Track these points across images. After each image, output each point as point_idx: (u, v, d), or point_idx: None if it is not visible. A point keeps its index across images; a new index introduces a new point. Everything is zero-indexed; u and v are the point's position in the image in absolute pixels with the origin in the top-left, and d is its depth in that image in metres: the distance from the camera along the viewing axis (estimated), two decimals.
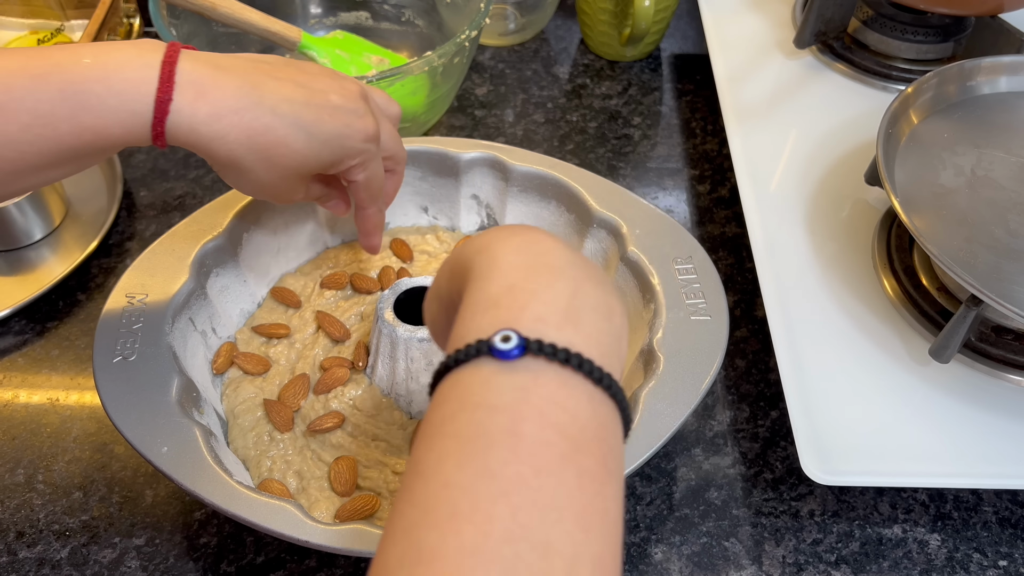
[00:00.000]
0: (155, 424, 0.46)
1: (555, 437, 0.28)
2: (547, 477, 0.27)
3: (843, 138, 0.69)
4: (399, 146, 0.53)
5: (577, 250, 0.35)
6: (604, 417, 0.30)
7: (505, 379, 0.29)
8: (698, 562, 0.52)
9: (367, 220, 0.54)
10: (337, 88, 0.47)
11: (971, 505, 0.54)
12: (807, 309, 0.58)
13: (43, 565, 0.52)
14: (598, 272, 0.34)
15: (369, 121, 0.47)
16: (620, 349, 0.32)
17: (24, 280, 0.66)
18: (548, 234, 0.34)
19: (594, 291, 0.32)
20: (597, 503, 0.27)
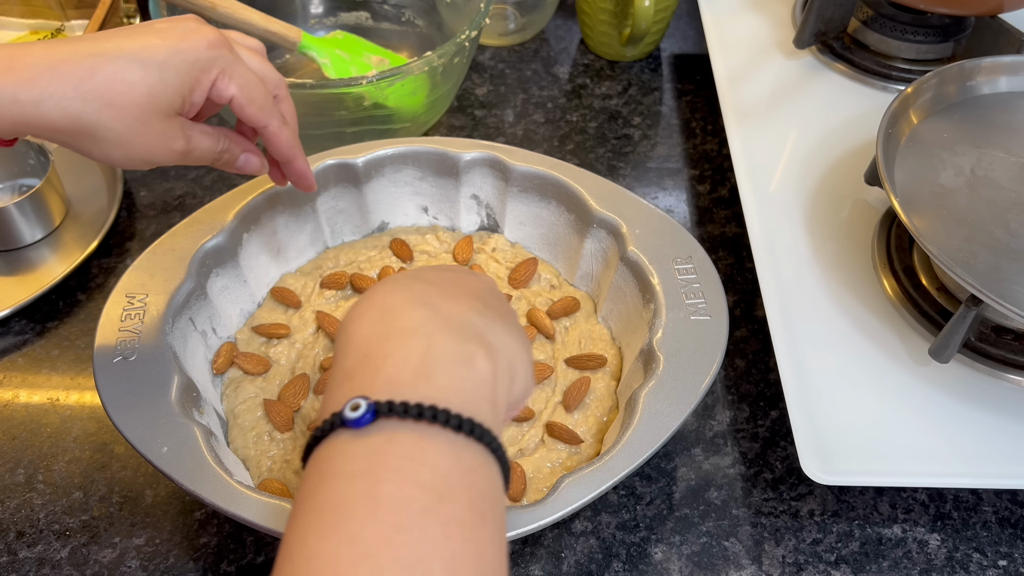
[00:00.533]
0: (155, 424, 0.46)
1: (415, 492, 0.28)
2: (409, 532, 0.27)
3: (843, 138, 0.69)
4: (271, 68, 0.48)
5: (445, 296, 0.35)
6: (471, 463, 0.30)
7: (359, 445, 0.29)
8: (698, 562, 0.52)
9: (275, 139, 0.48)
10: (164, 23, 0.43)
11: (971, 505, 0.54)
12: (807, 309, 0.58)
13: (43, 565, 0.52)
14: (464, 321, 0.34)
15: (207, 31, 0.43)
16: (489, 392, 0.32)
17: (24, 280, 0.66)
18: (408, 295, 0.34)
19: (449, 342, 0.32)
20: (469, 548, 0.28)
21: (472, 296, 0.36)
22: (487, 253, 0.62)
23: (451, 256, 0.62)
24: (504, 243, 0.63)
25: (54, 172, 0.68)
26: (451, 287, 0.36)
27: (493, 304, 0.37)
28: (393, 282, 0.36)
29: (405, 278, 0.36)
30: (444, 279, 0.37)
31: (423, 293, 0.35)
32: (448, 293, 0.35)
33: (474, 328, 0.34)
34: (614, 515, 0.54)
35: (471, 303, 0.35)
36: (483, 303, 0.36)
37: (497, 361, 0.33)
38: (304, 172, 0.52)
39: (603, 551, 0.52)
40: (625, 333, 0.57)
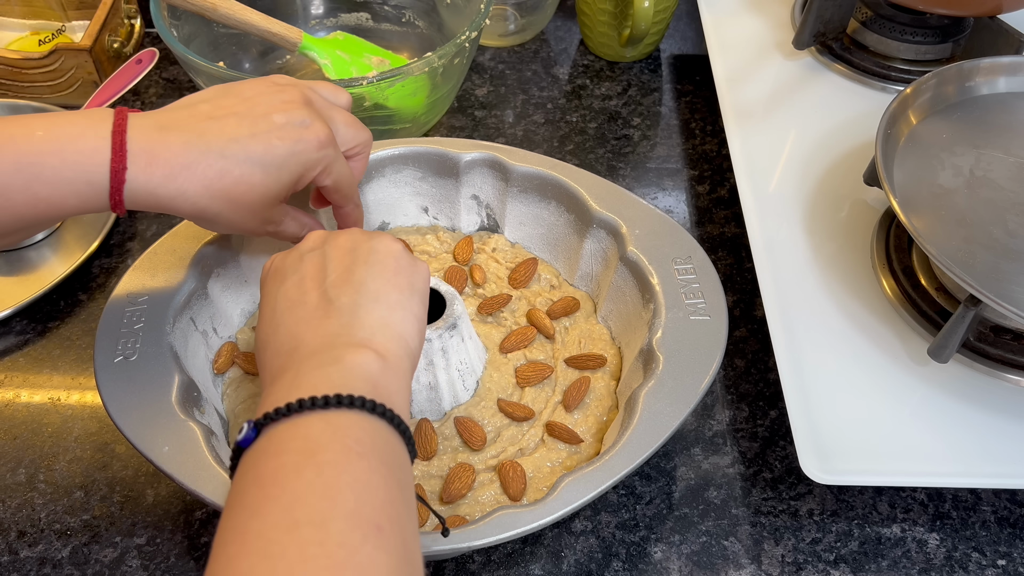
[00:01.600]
0: (156, 424, 0.46)
1: (288, 457, 0.34)
2: (286, 483, 0.33)
3: (842, 139, 0.70)
4: (359, 131, 0.52)
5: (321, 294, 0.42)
6: (341, 423, 0.35)
7: (250, 453, 0.35)
8: (697, 561, 0.52)
9: (347, 218, 0.54)
10: (279, 104, 0.47)
11: (970, 504, 0.54)
12: (806, 309, 0.58)
13: (44, 564, 0.52)
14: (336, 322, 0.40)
15: (318, 127, 0.47)
16: (362, 371, 0.38)
17: (25, 280, 0.66)
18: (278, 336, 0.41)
19: (314, 359, 0.38)
20: (344, 478, 0.33)
21: (320, 297, 0.42)
22: (487, 253, 0.63)
23: (451, 256, 0.63)
24: (504, 243, 0.63)
25: None
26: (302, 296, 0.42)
27: (338, 282, 0.42)
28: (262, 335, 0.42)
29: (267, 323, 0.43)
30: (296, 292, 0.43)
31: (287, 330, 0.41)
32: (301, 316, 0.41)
33: (340, 341, 0.39)
34: (614, 514, 0.54)
35: (326, 314, 0.41)
36: (329, 296, 0.41)
37: (368, 343, 0.39)
38: None
39: (603, 550, 0.52)
40: (625, 333, 0.57)
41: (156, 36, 0.86)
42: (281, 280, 0.44)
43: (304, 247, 0.45)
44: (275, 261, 0.46)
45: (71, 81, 0.77)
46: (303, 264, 0.44)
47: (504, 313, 0.59)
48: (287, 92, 0.48)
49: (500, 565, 0.52)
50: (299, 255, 0.45)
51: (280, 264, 0.45)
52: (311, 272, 0.43)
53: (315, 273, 0.43)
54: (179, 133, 0.44)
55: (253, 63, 0.80)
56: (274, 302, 0.43)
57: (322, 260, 0.43)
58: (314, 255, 0.44)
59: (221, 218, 0.46)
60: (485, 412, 0.53)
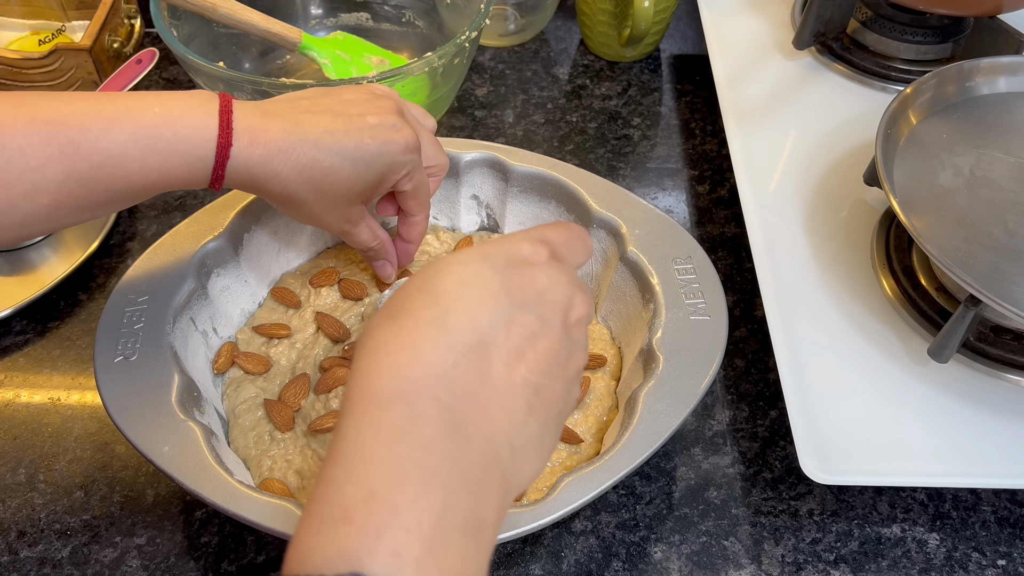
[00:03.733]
0: (156, 424, 0.46)
1: None
2: None
3: (842, 138, 0.70)
4: (441, 154, 0.55)
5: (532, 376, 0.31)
6: None
7: None
8: (697, 561, 0.52)
9: (414, 228, 0.56)
10: (373, 108, 0.49)
11: (970, 504, 0.54)
12: (806, 309, 0.58)
13: (44, 564, 0.52)
14: (503, 441, 0.30)
15: (407, 132, 0.49)
16: (485, 564, 0.29)
17: (25, 280, 0.66)
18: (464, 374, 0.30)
19: (466, 501, 0.28)
20: None
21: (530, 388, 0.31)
22: None
23: None
24: None
25: None
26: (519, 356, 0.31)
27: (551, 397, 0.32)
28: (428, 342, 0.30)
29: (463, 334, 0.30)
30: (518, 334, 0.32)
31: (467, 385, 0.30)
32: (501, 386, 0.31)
33: (499, 470, 0.30)
34: (614, 514, 0.54)
35: (516, 409, 0.31)
36: (532, 403, 0.31)
37: (503, 518, 0.30)
38: (412, 255, 0.58)
39: (603, 550, 0.52)
40: (625, 333, 0.57)
41: (156, 36, 0.86)
42: (526, 303, 0.32)
43: (572, 313, 0.34)
44: (549, 264, 0.34)
45: (71, 81, 0.77)
46: (553, 331, 0.33)
47: None
48: (382, 100, 0.50)
49: (500, 565, 0.52)
50: (563, 310, 0.34)
51: (546, 282, 0.34)
52: (548, 348, 0.33)
53: (548, 354, 0.33)
54: (279, 120, 0.46)
55: (253, 63, 0.80)
56: (494, 314, 0.31)
57: (563, 355, 0.34)
58: (564, 339, 0.34)
59: (306, 205, 0.48)
60: None
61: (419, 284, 0.32)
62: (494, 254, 0.33)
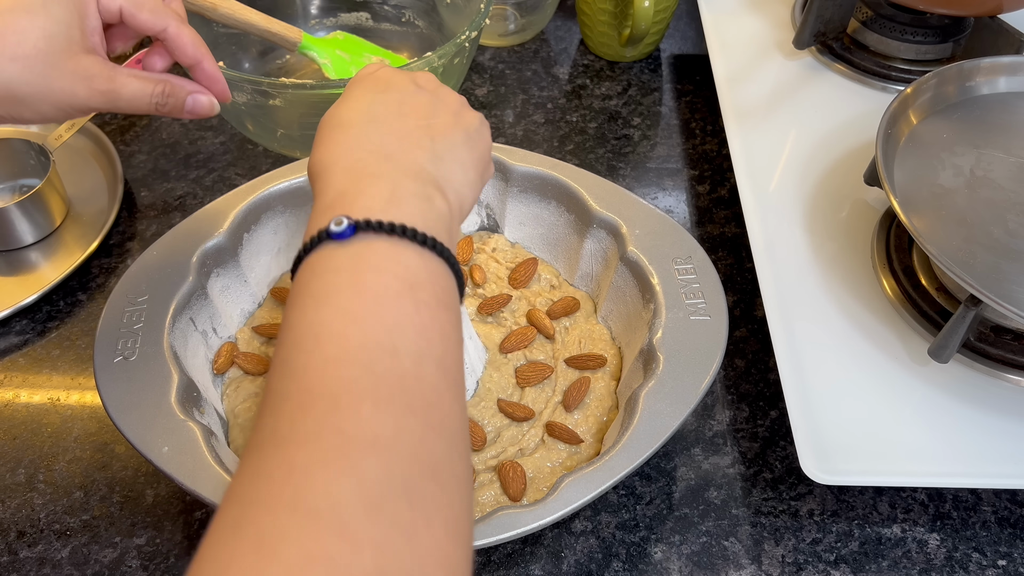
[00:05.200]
0: (156, 424, 0.46)
1: (391, 280, 0.34)
2: (388, 306, 0.33)
3: (842, 138, 0.70)
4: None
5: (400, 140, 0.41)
6: (434, 267, 0.36)
7: (343, 251, 0.35)
8: (697, 561, 0.52)
9: (178, 42, 0.48)
10: None
11: (970, 505, 0.54)
12: (806, 309, 0.58)
13: (44, 564, 0.52)
14: (420, 169, 0.39)
15: None
16: (446, 224, 0.38)
17: (25, 280, 0.66)
18: (370, 144, 0.40)
19: (412, 185, 0.38)
20: (435, 323, 0.34)
21: (423, 129, 0.41)
22: (487, 253, 0.63)
23: None
24: (504, 243, 0.63)
25: (55, 172, 0.68)
26: (403, 116, 0.42)
27: (442, 130, 0.42)
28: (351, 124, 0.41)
29: (361, 117, 0.41)
30: (398, 107, 0.42)
31: (381, 138, 0.40)
32: (402, 132, 0.41)
33: (429, 175, 0.39)
34: (614, 515, 0.54)
35: (422, 143, 0.41)
36: (431, 135, 0.41)
37: (450, 201, 0.39)
38: (214, 74, 0.51)
39: (603, 551, 0.52)
40: (625, 333, 0.57)
41: None
42: (383, 89, 0.43)
43: (418, 79, 0.45)
44: (381, 70, 0.45)
45: None
46: (414, 94, 0.44)
47: (504, 313, 0.59)
48: None
49: (500, 565, 0.52)
50: (412, 81, 0.44)
51: (387, 75, 0.44)
52: (419, 104, 0.43)
53: (422, 107, 0.43)
54: None
55: (253, 63, 0.80)
56: (370, 101, 0.42)
57: (431, 103, 0.43)
58: (424, 94, 0.44)
59: (20, 85, 0.42)
60: (485, 412, 0.53)
61: (321, 121, 0.43)
62: (348, 86, 0.45)
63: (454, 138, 0.42)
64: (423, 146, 0.41)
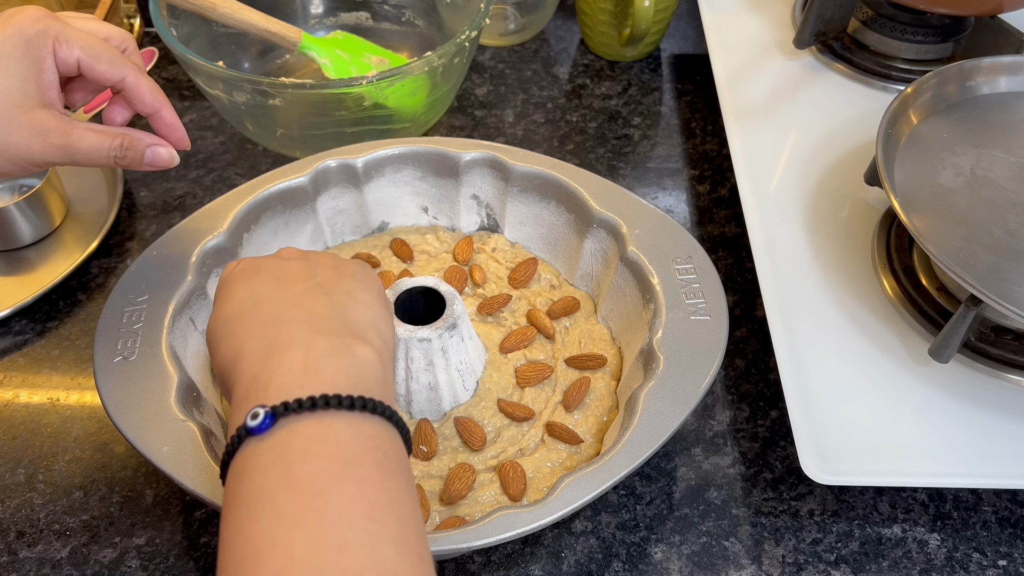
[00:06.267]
0: (155, 424, 0.46)
1: (324, 464, 0.32)
2: (327, 496, 0.31)
3: (843, 138, 0.70)
4: (109, 27, 0.48)
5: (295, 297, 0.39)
6: (370, 431, 0.34)
7: (267, 446, 0.32)
8: (698, 561, 0.52)
9: (136, 91, 0.48)
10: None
11: (971, 505, 0.54)
12: (807, 309, 0.58)
13: (43, 565, 0.52)
14: (328, 319, 0.37)
15: (27, 10, 0.44)
16: (375, 371, 0.36)
17: (24, 280, 0.66)
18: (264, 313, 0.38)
19: (325, 342, 0.36)
20: (383, 496, 0.32)
21: (312, 289, 0.39)
22: (487, 253, 0.62)
23: (451, 256, 0.62)
24: (504, 243, 0.63)
25: (54, 172, 0.68)
26: (286, 286, 0.39)
27: (330, 282, 0.40)
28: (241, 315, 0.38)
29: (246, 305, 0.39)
30: (276, 282, 0.40)
31: (275, 310, 0.38)
32: (294, 298, 0.39)
33: (340, 324, 0.37)
34: (614, 515, 0.54)
35: (317, 299, 0.38)
36: (324, 290, 0.39)
37: (372, 342, 0.37)
38: (173, 123, 0.50)
39: (603, 551, 0.52)
40: (625, 333, 0.57)
41: (155, 35, 0.86)
42: (253, 274, 0.41)
43: (281, 254, 0.43)
44: (242, 262, 0.42)
45: None
46: (284, 266, 0.41)
47: (504, 313, 0.59)
48: (5, 12, 0.45)
49: (500, 565, 0.51)
50: (276, 257, 0.42)
51: (252, 263, 0.42)
52: (295, 271, 0.41)
53: (299, 273, 0.40)
54: None
55: (252, 62, 0.80)
56: (247, 288, 0.40)
57: (307, 266, 0.41)
58: (295, 262, 0.42)
59: None
60: (485, 412, 0.53)
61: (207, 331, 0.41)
62: (220, 288, 0.42)
63: (346, 284, 0.40)
64: (320, 301, 0.38)
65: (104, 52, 0.46)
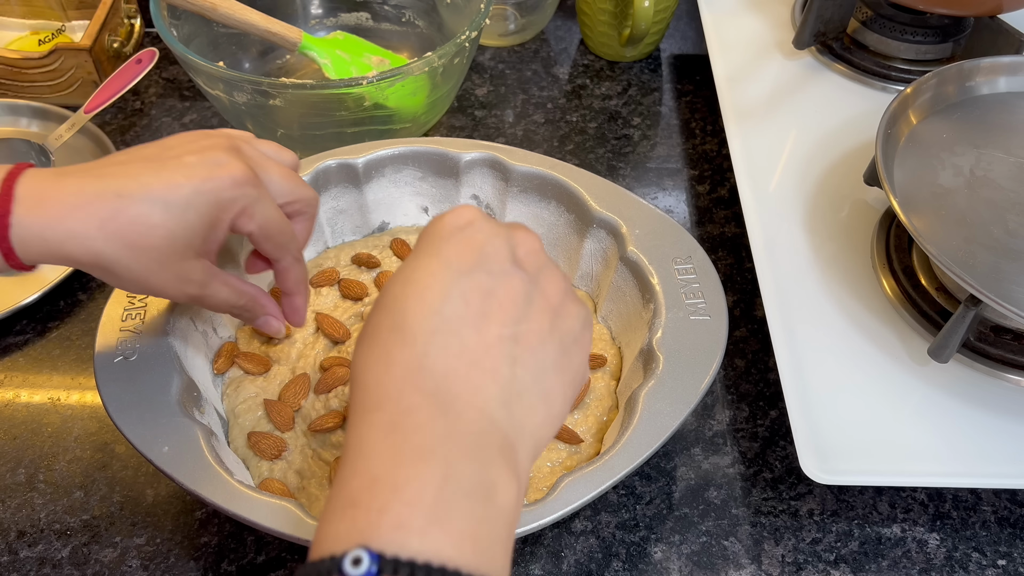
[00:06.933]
0: (156, 424, 0.46)
1: None
2: None
3: (842, 138, 0.70)
4: (299, 188, 0.47)
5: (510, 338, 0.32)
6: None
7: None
8: (697, 561, 0.52)
9: (284, 276, 0.49)
10: (195, 148, 0.43)
11: (970, 504, 0.54)
12: (806, 309, 0.58)
13: (44, 564, 0.52)
14: (488, 424, 0.31)
15: (234, 166, 0.43)
16: (506, 530, 0.30)
17: (25, 280, 0.66)
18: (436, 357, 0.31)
19: (469, 469, 0.30)
20: None
21: (506, 342, 0.32)
22: None
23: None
24: None
25: None
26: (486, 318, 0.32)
27: (531, 342, 0.33)
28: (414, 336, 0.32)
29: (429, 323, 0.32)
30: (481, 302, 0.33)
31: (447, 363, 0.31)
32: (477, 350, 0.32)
33: (496, 435, 0.31)
34: (614, 514, 0.54)
35: (498, 369, 0.32)
36: (514, 353, 0.32)
37: (520, 472, 0.31)
38: (300, 309, 0.51)
39: (603, 550, 0.52)
40: (625, 333, 0.57)
41: (156, 36, 0.86)
42: (472, 265, 0.34)
43: (517, 241, 0.36)
44: (474, 224, 0.35)
45: (71, 81, 0.77)
46: (508, 276, 0.34)
47: None
48: (211, 139, 0.44)
49: None
50: (509, 248, 0.35)
51: (481, 238, 0.35)
52: (510, 294, 0.34)
53: (513, 300, 0.34)
54: (76, 178, 0.41)
55: (253, 63, 0.80)
56: (447, 288, 0.33)
57: (527, 292, 0.34)
58: (519, 277, 0.34)
59: (121, 266, 0.41)
60: None
61: (377, 302, 0.35)
62: (424, 242, 0.35)
63: (544, 355, 0.34)
64: (499, 374, 0.32)
65: (276, 234, 0.46)
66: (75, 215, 0.40)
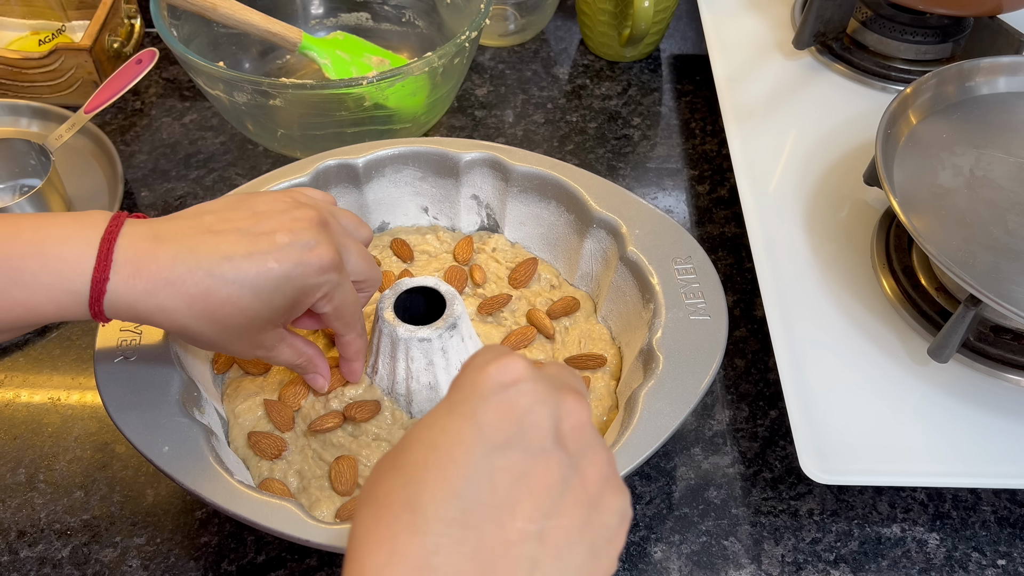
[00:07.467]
0: (156, 424, 0.46)
1: None
2: None
3: (842, 138, 0.70)
4: (371, 269, 0.48)
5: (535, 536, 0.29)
6: None
7: None
8: (697, 561, 0.52)
9: (347, 347, 0.50)
10: (287, 222, 0.43)
11: (970, 504, 0.54)
12: (806, 309, 0.58)
13: (44, 564, 0.52)
14: None
15: (324, 251, 0.43)
16: None
17: None
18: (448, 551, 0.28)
19: None
20: None
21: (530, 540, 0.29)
22: (487, 253, 0.63)
23: (451, 256, 0.63)
24: (504, 243, 0.63)
25: (55, 172, 0.68)
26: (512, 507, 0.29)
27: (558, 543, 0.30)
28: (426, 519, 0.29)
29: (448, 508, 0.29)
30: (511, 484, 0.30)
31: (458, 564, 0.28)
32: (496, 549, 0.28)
33: None
34: None
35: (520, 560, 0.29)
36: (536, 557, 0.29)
37: None
38: (357, 372, 0.52)
39: None
40: (625, 333, 0.57)
41: (156, 36, 0.86)
42: (508, 439, 0.30)
43: (565, 423, 0.32)
44: (520, 386, 0.31)
45: (71, 81, 0.77)
46: (546, 454, 0.31)
47: (504, 313, 0.59)
48: (301, 210, 0.44)
49: None
50: (553, 424, 0.31)
51: (525, 404, 0.31)
52: (544, 477, 0.30)
53: (546, 485, 0.30)
54: (171, 245, 0.41)
55: (253, 63, 0.80)
56: (477, 461, 0.30)
57: (564, 478, 0.31)
58: (558, 457, 0.31)
59: (204, 338, 0.43)
60: None
61: (391, 462, 0.31)
62: (460, 395, 0.31)
63: (570, 559, 0.30)
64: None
65: (347, 315, 0.47)
66: (166, 290, 0.40)
